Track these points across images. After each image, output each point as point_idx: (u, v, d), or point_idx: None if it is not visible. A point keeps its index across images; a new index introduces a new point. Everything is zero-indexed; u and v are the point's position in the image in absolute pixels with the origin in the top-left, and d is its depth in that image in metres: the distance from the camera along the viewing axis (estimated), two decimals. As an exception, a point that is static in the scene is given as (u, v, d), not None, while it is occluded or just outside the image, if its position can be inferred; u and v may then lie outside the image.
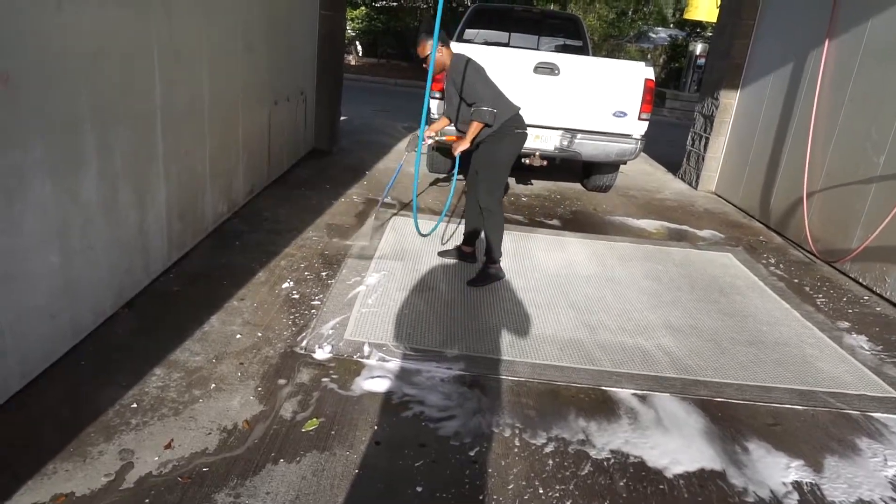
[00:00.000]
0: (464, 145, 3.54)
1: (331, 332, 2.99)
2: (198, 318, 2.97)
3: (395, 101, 12.11)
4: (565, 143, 5.38)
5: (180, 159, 3.41)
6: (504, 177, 3.66)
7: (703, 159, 6.90)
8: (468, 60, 3.47)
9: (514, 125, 3.52)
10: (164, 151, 3.19)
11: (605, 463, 2.29)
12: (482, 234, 3.80)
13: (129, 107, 2.83)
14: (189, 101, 3.47)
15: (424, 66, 3.42)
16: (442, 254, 4.09)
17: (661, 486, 2.19)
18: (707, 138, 6.83)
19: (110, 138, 2.69)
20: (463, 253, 4.05)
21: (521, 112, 3.55)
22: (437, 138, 3.95)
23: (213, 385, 2.49)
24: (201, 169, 3.75)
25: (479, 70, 3.48)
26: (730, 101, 6.61)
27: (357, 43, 18.60)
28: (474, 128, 3.41)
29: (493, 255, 3.69)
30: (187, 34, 3.34)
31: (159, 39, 3.02)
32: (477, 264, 3.93)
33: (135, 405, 2.31)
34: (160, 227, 3.27)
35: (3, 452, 2.00)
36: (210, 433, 2.21)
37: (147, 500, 1.88)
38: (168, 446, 2.12)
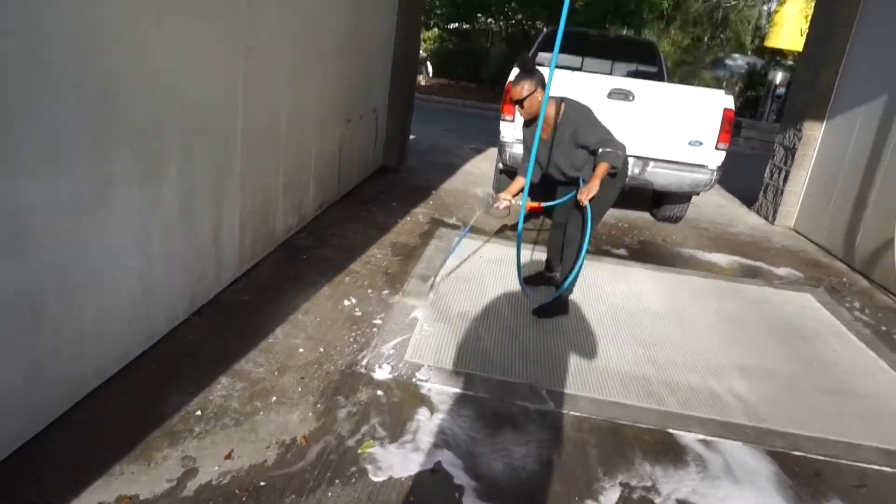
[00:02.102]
0: (594, 191, 3.23)
1: (391, 352, 2.98)
2: (263, 329, 3.02)
3: (464, 121, 12.20)
4: (636, 171, 5.25)
5: (256, 174, 3.51)
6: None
7: (781, 193, 6.59)
8: (582, 104, 3.34)
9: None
10: (241, 167, 3.29)
11: (671, 513, 2.17)
12: (560, 266, 3.73)
13: (213, 123, 2.94)
14: (268, 119, 3.58)
15: (520, 109, 3.25)
16: (528, 280, 3.91)
17: (732, 544, 2.06)
18: (787, 171, 6.52)
19: (193, 152, 2.79)
20: (547, 277, 4.04)
21: None
22: (514, 202, 3.57)
23: (275, 398, 2.51)
24: (275, 184, 3.85)
25: (591, 111, 3.35)
26: (814, 134, 6.30)
27: (428, 63, 18.90)
28: (603, 170, 3.21)
29: (568, 289, 3.62)
30: (271, 56, 3.46)
31: (245, 61, 3.13)
32: (542, 290, 3.86)
33: (199, 412, 2.36)
34: (233, 238, 3.37)
35: (76, 450, 2.07)
36: (269, 446, 2.23)
37: (205, 510, 1.90)
38: (228, 457, 2.14)
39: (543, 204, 3.63)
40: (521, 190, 3.52)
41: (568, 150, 3.37)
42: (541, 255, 4.50)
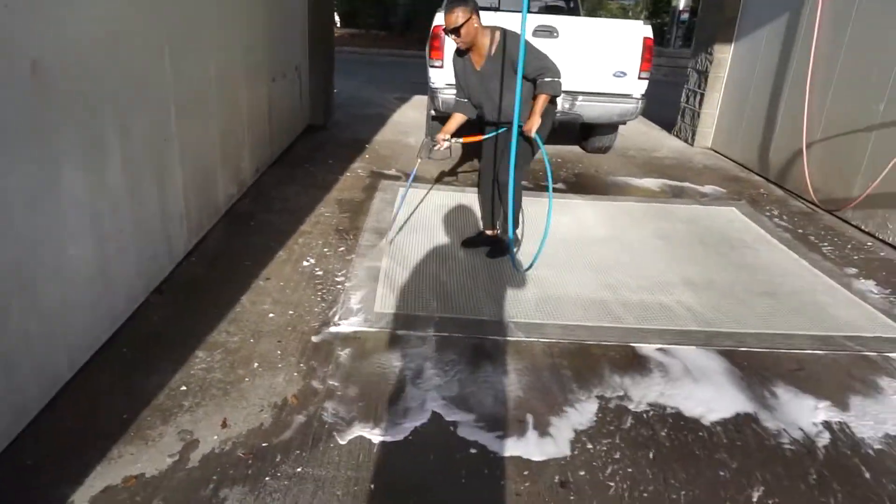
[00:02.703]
0: (538, 123, 3.25)
1: (359, 305, 3.03)
2: (227, 300, 3.00)
3: (381, 71, 11.99)
4: (566, 105, 5.38)
5: (193, 143, 3.39)
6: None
7: (698, 115, 6.94)
8: (516, 33, 3.19)
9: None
10: (178, 136, 3.16)
11: (645, 415, 2.37)
12: (500, 211, 3.68)
13: (144, 92, 2.81)
14: (197, 83, 3.43)
15: (456, 38, 3.19)
16: (467, 243, 3.82)
17: (701, 434, 2.29)
18: (702, 94, 6.86)
19: (130, 124, 2.67)
20: (490, 238, 3.81)
21: None
22: (453, 141, 3.50)
23: (256, 364, 2.53)
24: (212, 151, 3.73)
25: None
26: (724, 56, 6.62)
27: (335, 13, 18.24)
28: (543, 101, 3.24)
29: (512, 227, 3.68)
30: (195, 17, 3.29)
31: (169, 23, 2.98)
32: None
33: (184, 387, 2.35)
34: (179, 212, 3.27)
35: (66, 441, 2.04)
36: (262, 410, 2.26)
37: (215, 477, 1.94)
38: (224, 425, 2.17)
39: (483, 136, 3.62)
40: (458, 127, 3.49)
41: (507, 81, 3.30)
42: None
